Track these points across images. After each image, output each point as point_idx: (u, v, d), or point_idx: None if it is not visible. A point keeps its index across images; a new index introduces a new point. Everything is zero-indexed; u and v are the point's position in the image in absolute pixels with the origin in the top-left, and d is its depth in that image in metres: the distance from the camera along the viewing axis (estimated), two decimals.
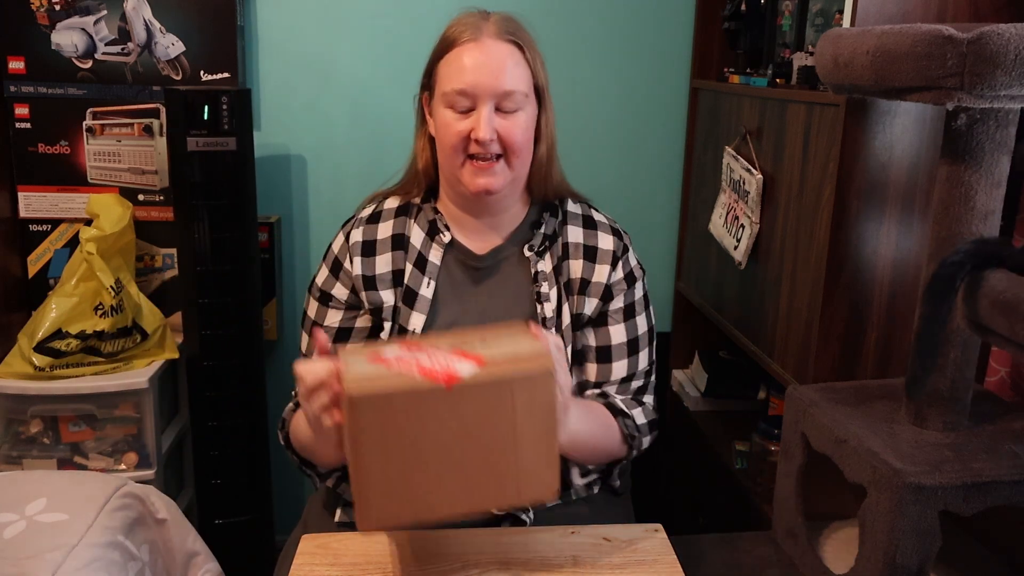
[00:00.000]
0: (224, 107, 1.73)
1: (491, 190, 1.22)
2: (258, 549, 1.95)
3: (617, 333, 1.31)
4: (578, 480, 1.30)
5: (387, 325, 1.26)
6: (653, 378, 1.37)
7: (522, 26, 1.26)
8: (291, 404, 1.29)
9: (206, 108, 1.72)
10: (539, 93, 1.26)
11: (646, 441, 1.31)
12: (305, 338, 1.33)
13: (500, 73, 1.19)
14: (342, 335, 1.29)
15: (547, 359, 0.92)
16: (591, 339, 1.31)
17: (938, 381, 1.14)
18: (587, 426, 1.21)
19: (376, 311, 1.27)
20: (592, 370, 1.31)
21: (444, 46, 1.23)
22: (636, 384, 1.33)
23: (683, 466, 2.06)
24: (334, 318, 1.30)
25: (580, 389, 1.32)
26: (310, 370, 0.96)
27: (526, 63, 1.23)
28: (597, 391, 1.32)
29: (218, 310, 1.82)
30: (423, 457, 0.90)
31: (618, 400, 1.30)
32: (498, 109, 1.20)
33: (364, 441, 0.88)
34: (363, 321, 1.29)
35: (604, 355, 1.31)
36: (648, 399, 1.35)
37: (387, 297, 1.27)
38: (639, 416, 1.30)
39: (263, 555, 1.95)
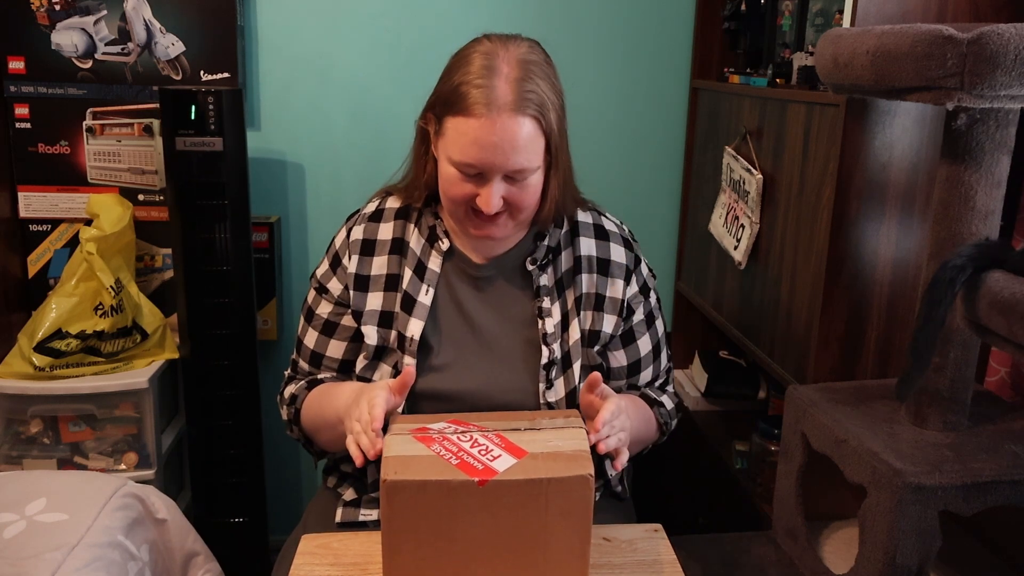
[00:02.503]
0: (210, 107, 1.73)
1: (493, 237, 1.22)
2: (252, 550, 1.95)
3: (644, 345, 1.34)
4: (610, 470, 1.33)
5: (372, 331, 1.25)
6: (672, 375, 1.42)
7: (542, 70, 1.16)
8: (303, 382, 1.31)
9: (193, 108, 1.72)
10: (553, 148, 1.18)
11: (674, 424, 1.38)
12: (302, 323, 1.34)
13: (511, 153, 1.13)
14: (328, 328, 1.31)
15: (587, 461, 0.93)
16: (623, 358, 1.33)
17: (938, 381, 1.14)
18: (636, 423, 1.23)
19: (357, 315, 1.26)
20: (622, 383, 1.34)
21: (457, 106, 1.13)
22: (659, 382, 1.39)
23: (683, 466, 2.06)
24: (325, 309, 1.31)
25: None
26: (378, 415, 1.03)
27: (542, 133, 1.15)
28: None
29: (209, 311, 1.82)
30: (453, 547, 0.92)
31: (649, 392, 1.36)
32: (506, 176, 1.16)
33: (396, 524, 0.91)
34: (348, 320, 1.29)
35: (634, 368, 1.34)
36: (669, 387, 1.41)
37: (373, 301, 1.26)
38: (668, 403, 1.36)
39: (257, 556, 1.95)
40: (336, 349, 1.31)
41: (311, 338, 1.32)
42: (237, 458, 1.91)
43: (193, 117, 1.72)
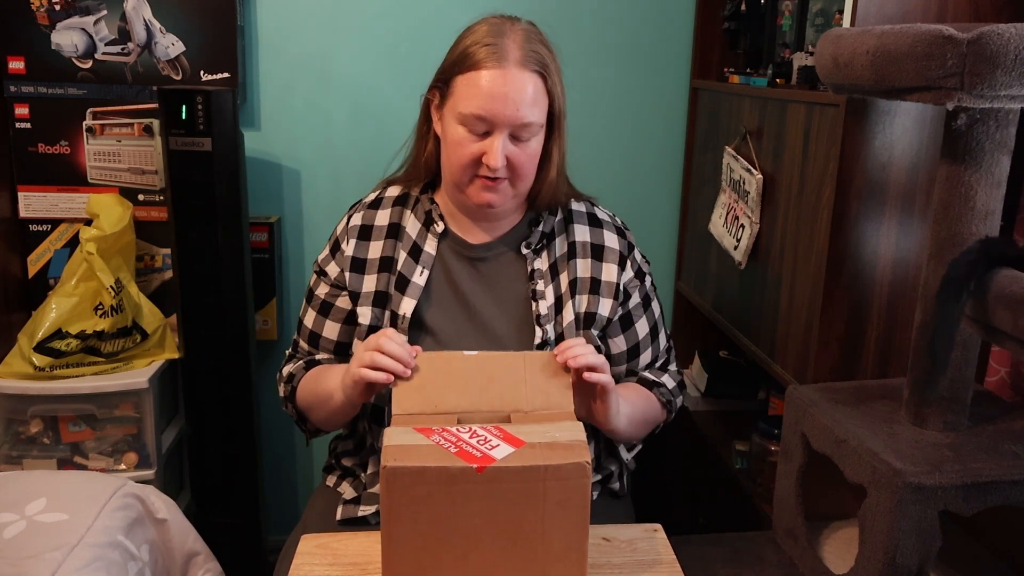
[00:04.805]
0: (199, 107, 1.73)
1: (493, 205, 1.24)
2: (249, 549, 1.95)
3: (641, 328, 1.36)
4: (626, 454, 1.38)
5: (366, 311, 1.28)
6: (673, 352, 1.44)
7: (546, 44, 1.24)
8: (301, 363, 1.35)
9: (184, 108, 1.72)
10: (554, 117, 1.25)
11: (679, 401, 1.41)
12: (303, 305, 1.39)
13: (520, 105, 1.18)
14: (324, 308, 1.34)
15: (583, 450, 0.94)
16: (622, 343, 1.35)
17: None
18: (632, 407, 1.27)
19: (354, 296, 1.30)
20: (622, 368, 1.37)
21: (466, 63, 1.20)
22: (660, 362, 1.41)
23: (683, 466, 2.06)
24: (323, 290, 1.35)
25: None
26: (401, 344, 1.10)
27: (546, 93, 1.22)
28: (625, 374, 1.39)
29: (203, 311, 1.83)
30: (452, 536, 0.93)
31: (647, 374, 1.37)
32: (511, 135, 1.20)
33: (396, 511, 0.92)
34: (344, 303, 1.33)
35: (633, 352, 1.36)
36: (671, 366, 1.42)
37: (368, 283, 1.29)
38: (669, 381, 1.38)
39: (254, 556, 1.95)
40: (331, 330, 1.34)
41: (310, 318, 1.36)
42: (232, 458, 1.91)
43: (184, 117, 1.73)
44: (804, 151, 1.42)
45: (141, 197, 1.98)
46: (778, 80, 1.55)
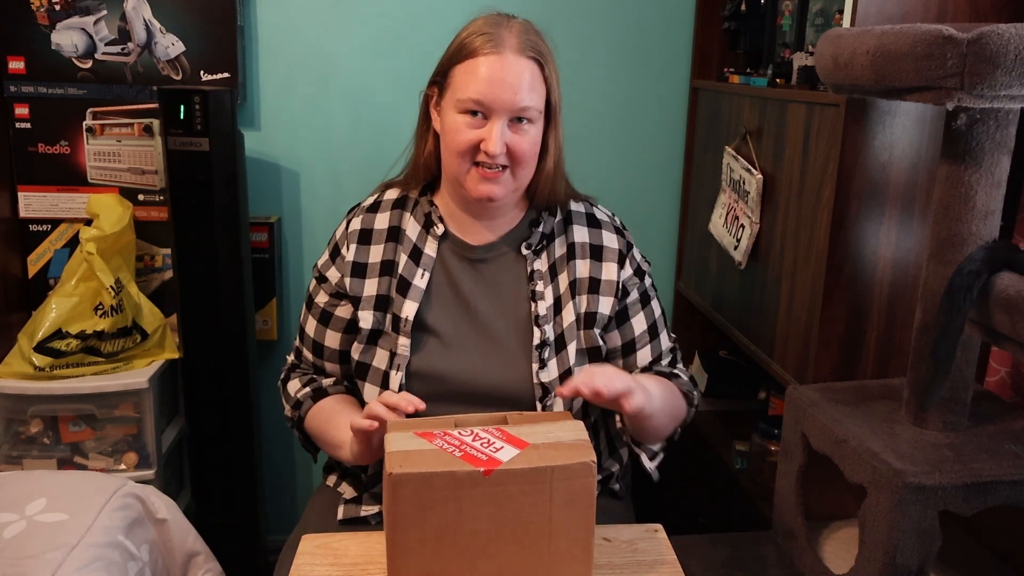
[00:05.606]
0: (196, 107, 1.73)
1: (493, 198, 1.24)
2: (249, 549, 1.96)
3: (638, 323, 1.35)
4: (648, 464, 1.36)
5: (368, 315, 1.28)
6: (679, 354, 1.42)
7: (543, 38, 1.25)
8: (308, 389, 1.34)
9: (182, 108, 1.72)
10: (551, 108, 1.26)
11: (697, 396, 1.38)
12: (304, 311, 1.38)
13: (518, 89, 1.19)
14: (325, 317, 1.34)
15: (588, 449, 0.94)
16: (617, 338, 1.34)
17: None
18: (660, 392, 1.24)
19: (355, 300, 1.30)
20: (619, 364, 1.35)
21: (464, 52, 1.22)
22: (664, 362, 1.39)
23: (683, 466, 2.06)
24: (323, 299, 1.35)
25: None
26: (402, 396, 1.10)
27: (543, 80, 1.23)
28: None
29: (202, 311, 1.83)
30: (458, 539, 0.92)
31: (663, 370, 1.36)
32: (510, 122, 1.21)
33: (402, 518, 0.91)
34: (343, 312, 1.32)
35: (629, 348, 1.35)
36: (679, 368, 1.40)
37: (370, 287, 1.29)
38: (683, 375, 1.37)
39: (254, 556, 1.95)
40: (333, 339, 1.34)
41: (311, 326, 1.36)
42: (232, 458, 1.91)
43: (182, 117, 1.73)
44: (804, 151, 1.42)
45: (141, 197, 1.98)
46: (778, 80, 1.55)
